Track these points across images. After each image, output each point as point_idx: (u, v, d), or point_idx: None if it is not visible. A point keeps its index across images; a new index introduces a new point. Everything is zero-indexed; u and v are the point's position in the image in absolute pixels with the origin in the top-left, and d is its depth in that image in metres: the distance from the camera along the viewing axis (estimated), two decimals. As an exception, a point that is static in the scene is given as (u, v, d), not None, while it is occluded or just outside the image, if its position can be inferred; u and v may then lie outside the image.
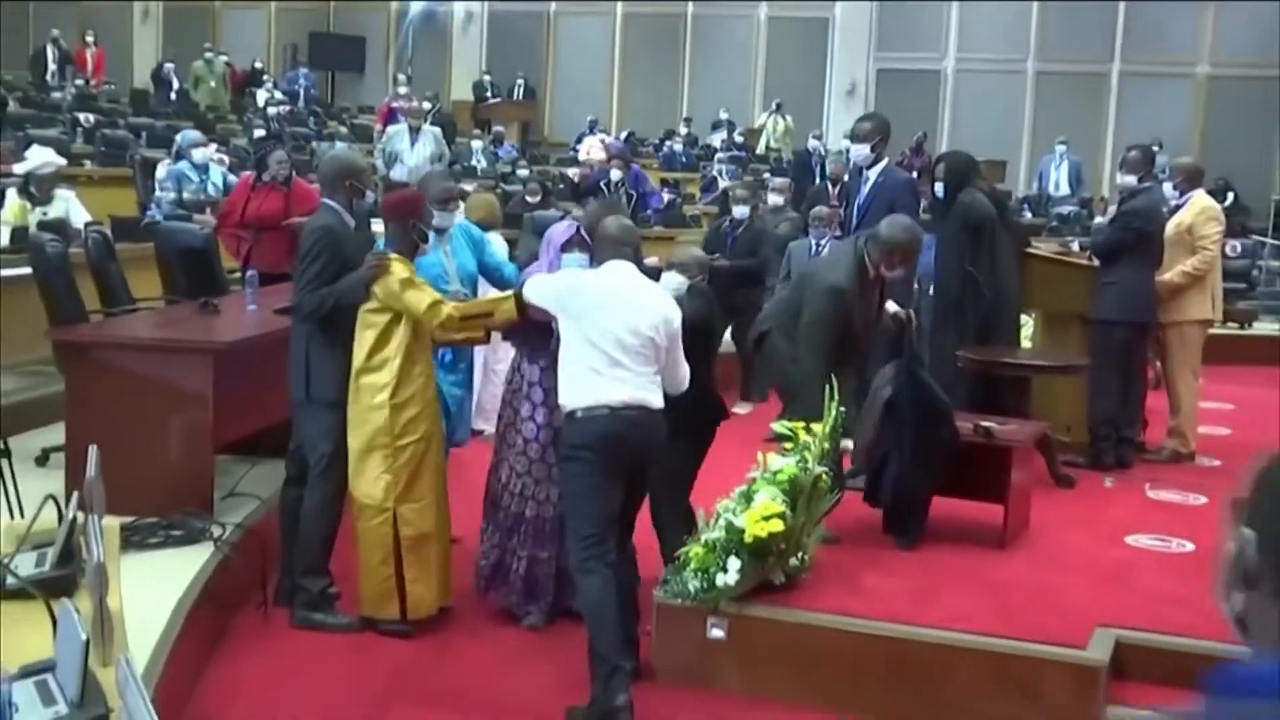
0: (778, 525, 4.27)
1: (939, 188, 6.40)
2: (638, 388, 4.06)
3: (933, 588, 4.63)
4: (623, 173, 10.68)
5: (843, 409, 4.77)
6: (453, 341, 4.88)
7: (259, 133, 13.32)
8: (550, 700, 4.12)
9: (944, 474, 5.08)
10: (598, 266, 4.31)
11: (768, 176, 12.67)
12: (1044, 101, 19.90)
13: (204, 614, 4.30)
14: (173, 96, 17.65)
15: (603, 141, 15.53)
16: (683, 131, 19.27)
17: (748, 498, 4.40)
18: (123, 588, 2.72)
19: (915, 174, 9.80)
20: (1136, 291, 6.57)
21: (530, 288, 4.37)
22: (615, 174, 10.68)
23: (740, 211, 8.38)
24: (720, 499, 4.51)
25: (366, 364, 4.54)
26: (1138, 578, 4.86)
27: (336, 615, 4.69)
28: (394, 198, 4.98)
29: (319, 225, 4.71)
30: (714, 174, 15.58)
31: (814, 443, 4.58)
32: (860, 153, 6.46)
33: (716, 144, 18.69)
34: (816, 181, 11.68)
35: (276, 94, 18.21)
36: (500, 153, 16.62)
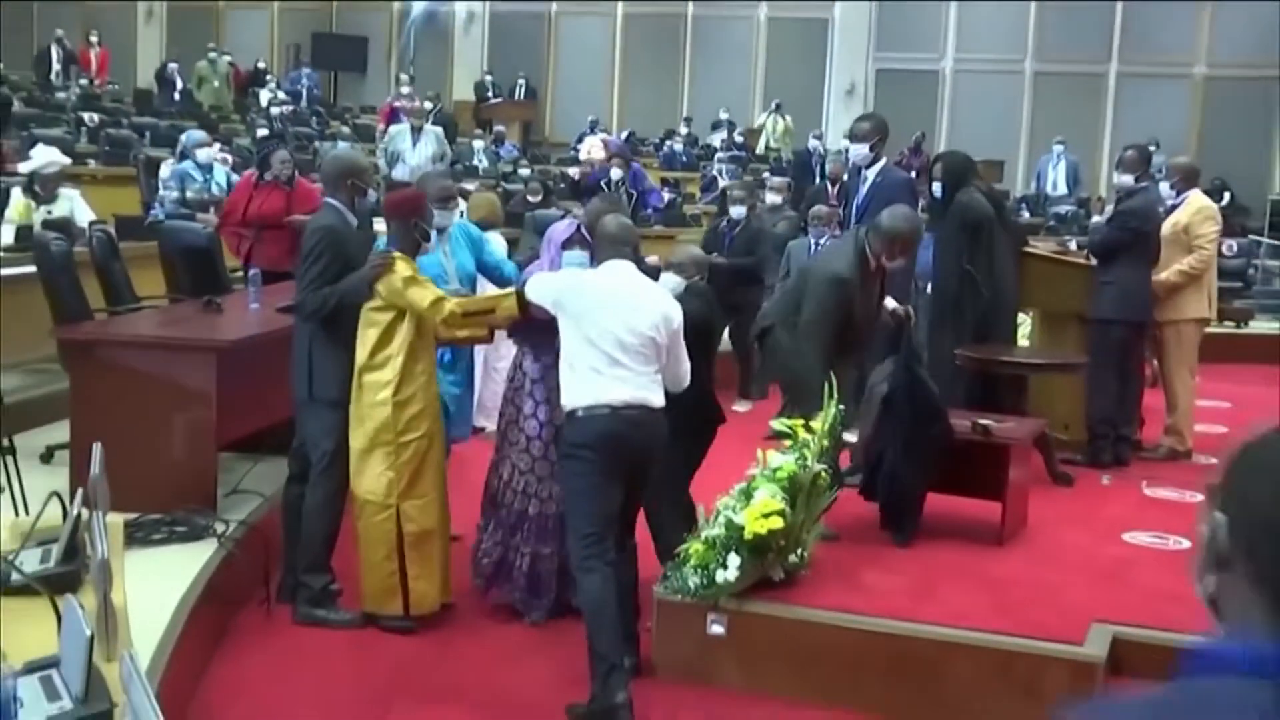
0: (777, 522, 4.28)
1: (937, 187, 6.41)
2: (638, 387, 4.06)
3: (931, 584, 4.64)
4: (623, 171, 10.71)
5: (841, 406, 4.77)
6: (456, 340, 4.89)
7: (262, 132, 13.31)
8: (551, 696, 4.13)
9: (938, 470, 5.09)
10: (597, 265, 4.31)
11: (767, 176, 12.67)
12: (1042, 102, 19.90)
13: (207, 610, 4.31)
14: (176, 96, 17.62)
15: (603, 141, 15.58)
16: (683, 131, 19.26)
17: (747, 495, 4.41)
18: (127, 584, 2.71)
19: (914, 173, 9.81)
20: (1134, 291, 6.57)
21: (531, 286, 4.37)
22: (615, 172, 10.71)
23: (737, 212, 8.38)
24: (720, 496, 4.52)
25: (369, 362, 4.55)
26: (1135, 575, 4.86)
27: (339, 612, 4.70)
28: (396, 197, 4.98)
29: (321, 225, 4.71)
30: (714, 174, 15.56)
31: (813, 440, 4.58)
32: (859, 152, 6.46)
33: (716, 144, 18.68)
34: (816, 181, 11.68)
35: (279, 94, 18.18)
36: (501, 152, 16.63)
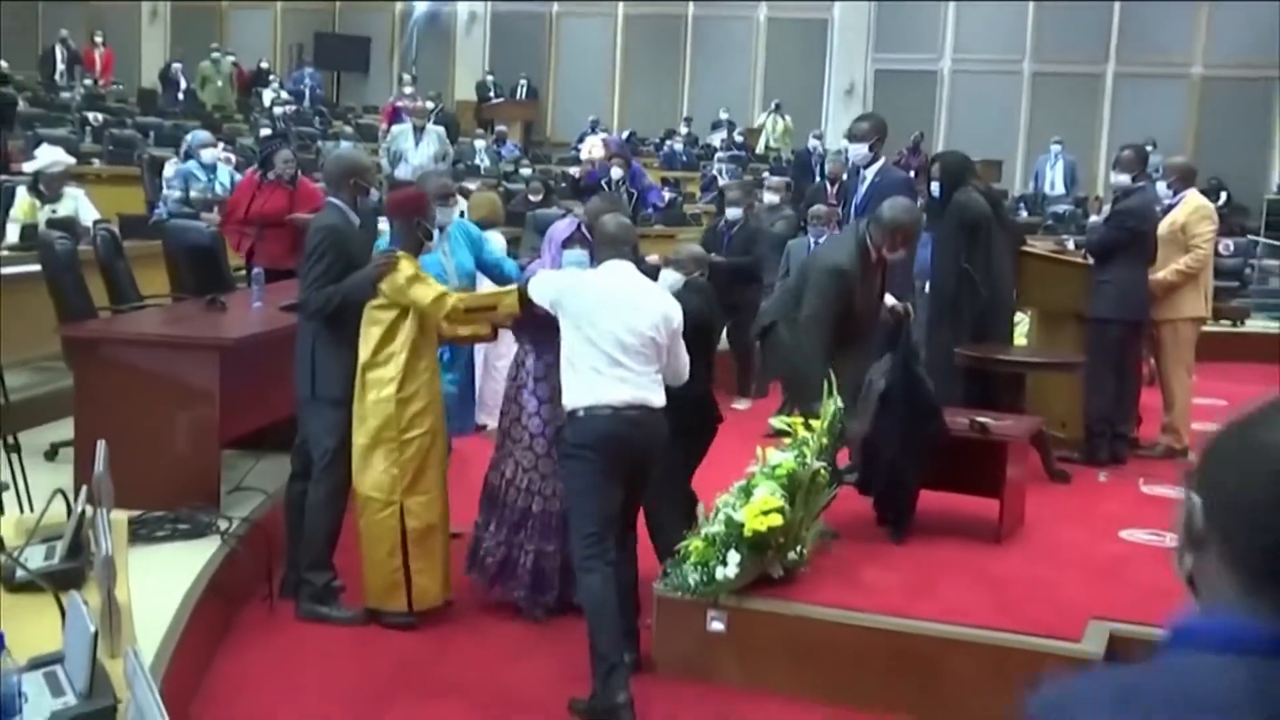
0: (776, 519, 4.29)
1: (935, 187, 6.42)
2: (639, 387, 4.07)
3: (929, 581, 4.65)
4: (623, 171, 10.73)
5: (841, 405, 4.77)
6: (459, 338, 4.92)
7: (265, 132, 13.29)
8: (553, 693, 4.14)
9: (934, 467, 5.11)
10: (597, 266, 4.31)
11: (766, 176, 12.70)
12: (1040, 102, 19.93)
13: (211, 606, 4.32)
14: (180, 96, 17.60)
15: (603, 140, 15.60)
16: (683, 131, 19.28)
17: (747, 492, 4.43)
18: (130, 580, 2.69)
19: (912, 173, 9.83)
20: (1131, 290, 6.59)
21: (533, 285, 4.38)
22: (616, 172, 10.73)
23: (733, 213, 8.39)
24: (720, 494, 4.53)
25: (373, 360, 4.57)
26: (1132, 572, 4.86)
27: (341, 608, 4.71)
28: (399, 196, 4.98)
29: (324, 224, 4.72)
30: (714, 173, 15.58)
31: (812, 438, 4.59)
32: (858, 152, 6.46)
33: (716, 143, 18.69)
34: (816, 181, 11.71)
35: (282, 94, 18.18)
36: (503, 152, 16.65)
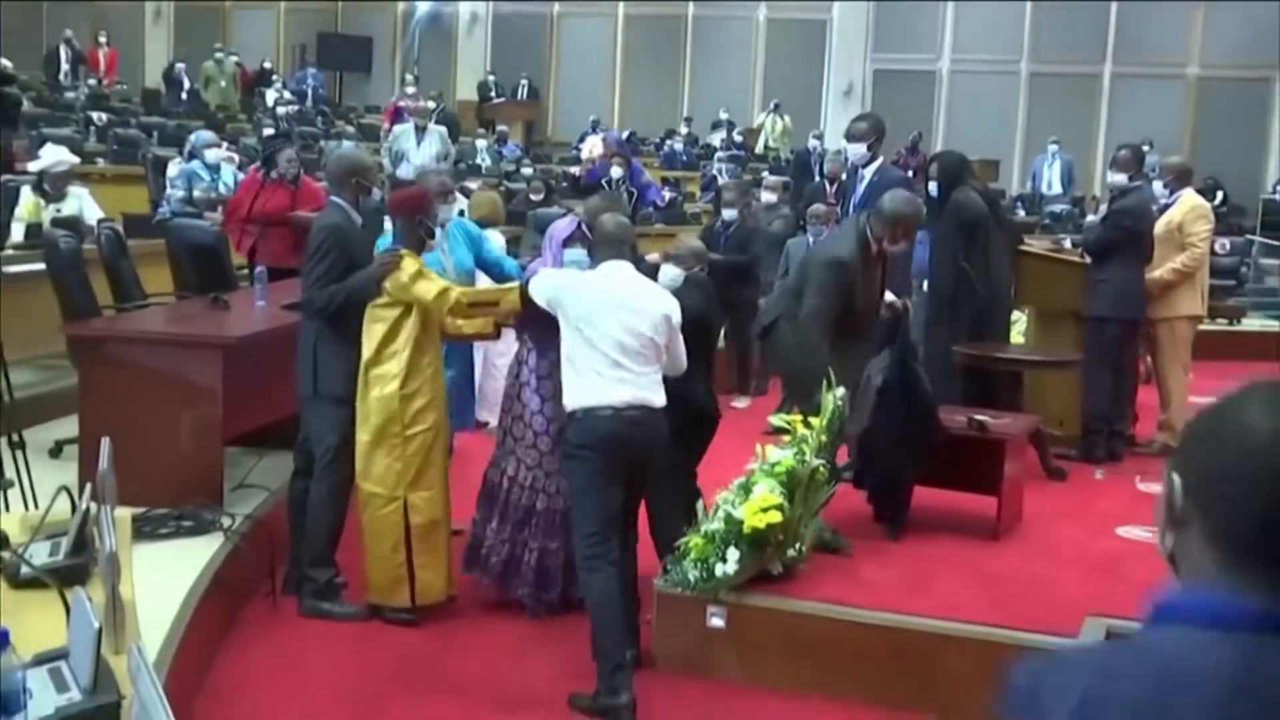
0: (776, 516, 4.32)
1: (933, 186, 6.43)
2: (639, 388, 4.09)
3: (927, 578, 4.68)
4: (623, 170, 10.76)
5: (840, 402, 4.78)
6: (463, 336, 4.96)
7: (268, 131, 13.29)
8: (554, 689, 4.16)
9: (930, 464, 5.13)
10: (596, 266, 4.31)
11: (766, 175, 12.73)
12: (1037, 102, 19.96)
13: (214, 603, 4.34)
14: (184, 96, 17.64)
15: (602, 138, 15.64)
16: (683, 131, 19.30)
17: (746, 489, 4.45)
18: (134, 577, 2.70)
19: (910, 173, 9.84)
20: (1128, 289, 6.61)
21: (533, 285, 4.39)
22: (616, 171, 10.76)
23: (729, 214, 8.41)
24: (719, 491, 4.55)
25: (376, 357, 4.59)
26: (1128, 568, 4.87)
27: (343, 605, 4.74)
28: (401, 195, 4.99)
29: (327, 223, 4.74)
30: (714, 173, 15.61)
31: (811, 435, 4.61)
32: (856, 152, 6.46)
33: (716, 143, 18.73)
34: (815, 180, 11.73)
35: (285, 94, 18.18)
36: (504, 151, 16.68)
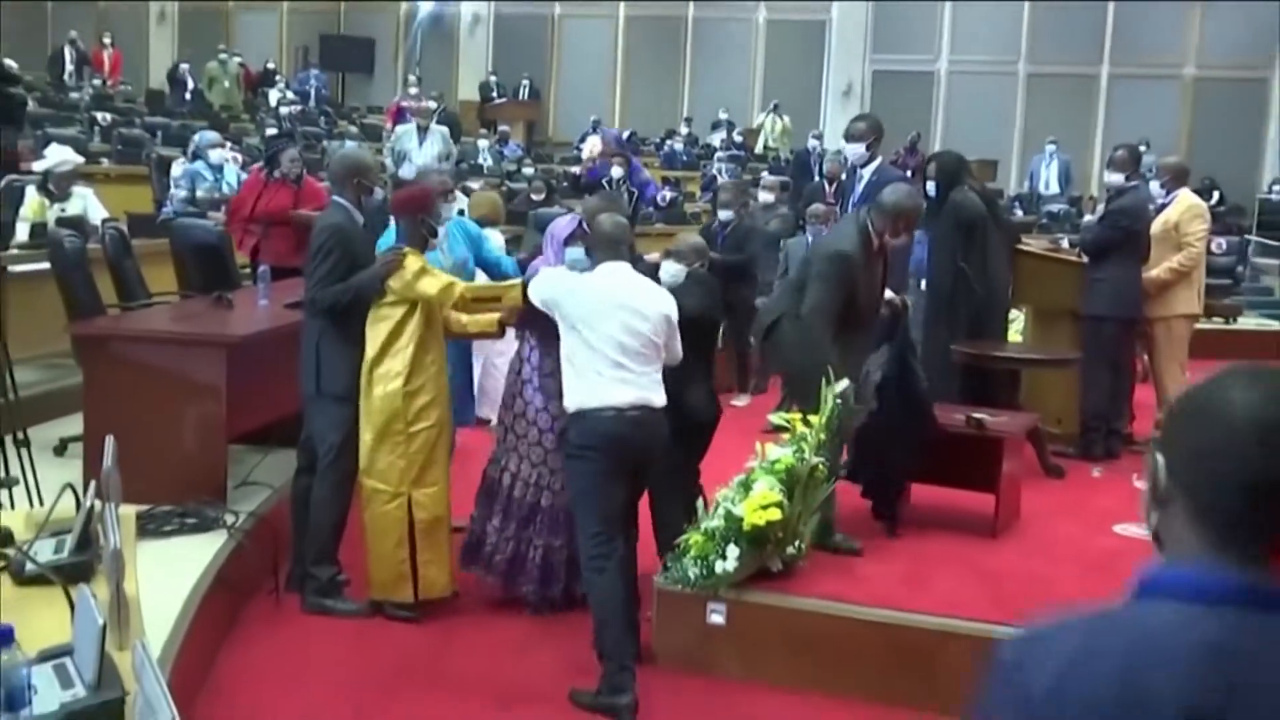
0: (775, 514, 4.34)
1: (931, 186, 6.45)
2: (640, 388, 4.10)
3: (926, 575, 4.70)
4: (624, 170, 10.79)
5: (841, 400, 4.78)
6: (468, 335, 4.99)
7: (271, 131, 13.34)
8: (557, 685, 4.18)
9: (929, 462, 5.15)
10: (594, 267, 4.31)
11: (764, 175, 12.78)
12: (1034, 102, 20.00)
13: (217, 599, 4.36)
14: (187, 96, 17.64)
15: (601, 137, 15.67)
16: (683, 131, 19.35)
17: (746, 487, 4.47)
18: (139, 574, 2.69)
19: (909, 173, 9.86)
20: (1125, 287, 6.65)
21: (534, 287, 4.39)
22: (616, 171, 10.79)
23: (725, 214, 8.42)
24: (719, 488, 4.57)
25: (380, 356, 4.62)
26: (1125, 565, 4.69)
27: (346, 601, 4.76)
28: (404, 194, 5.01)
29: (330, 223, 4.76)
30: (714, 173, 15.65)
31: (811, 433, 4.62)
32: (855, 152, 6.47)
33: (716, 143, 18.76)
34: (815, 180, 11.76)
35: (288, 94, 18.21)
36: (506, 151, 16.71)
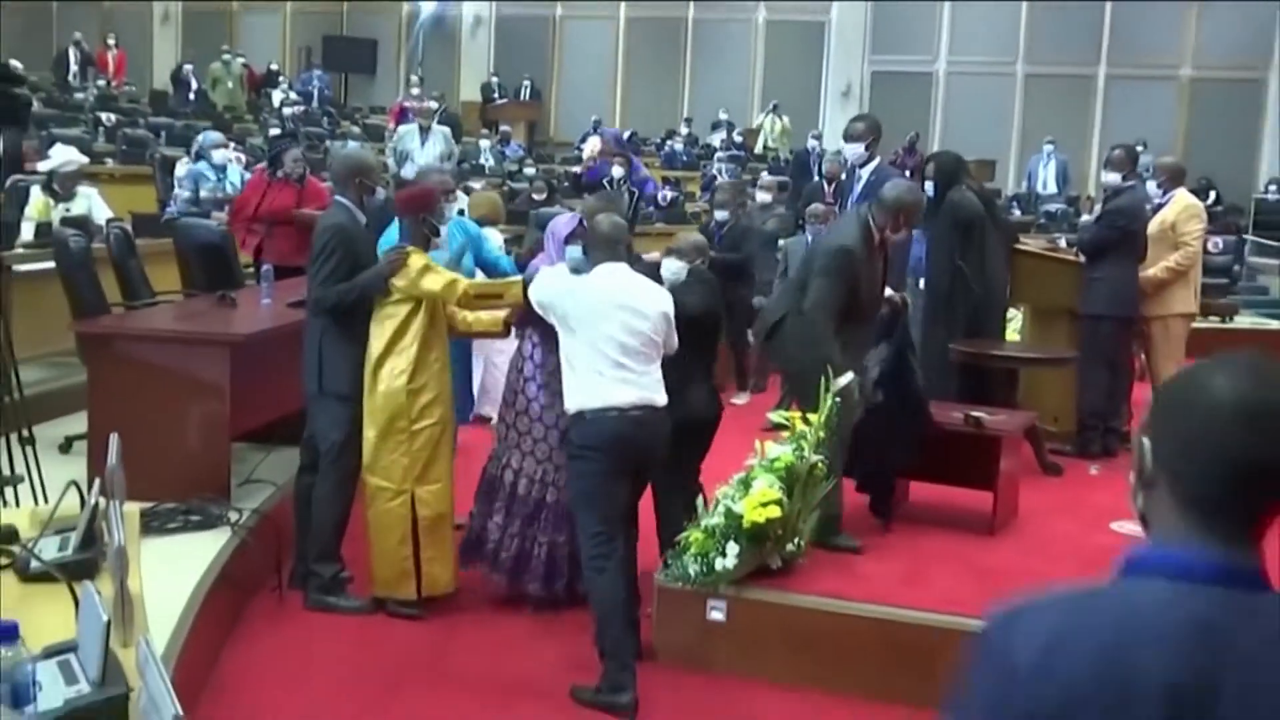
0: (775, 511, 4.37)
1: (929, 186, 6.47)
2: (642, 388, 4.12)
3: (924, 572, 4.73)
4: (624, 169, 10.81)
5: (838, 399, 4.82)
6: (472, 333, 5.03)
7: (274, 132, 13.35)
8: (559, 682, 4.20)
9: (927, 460, 5.18)
10: (591, 266, 4.30)
11: (763, 175, 12.82)
12: (1032, 103, 20.04)
13: (221, 596, 4.38)
14: (191, 97, 17.66)
15: (600, 137, 15.70)
16: (683, 131, 19.39)
17: (746, 485, 4.49)
18: (143, 571, 2.70)
19: (908, 173, 9.90)
20: (1122, 287, 6.67)
21: (532, 289, 4.39)
22: (617, 170, 10.82)
23: (721, 214, 8.44)
24: (719, 486, 4.60)
25: (385, 354, 4.64)
26: None
27: (349, 598, 4.79)
28: (407, 193, 5.03)
29: (331, 223, 4.79)
30: (714, 173, 15.69)
31: (810, 431, 4.64)
32: (854, 152, 6.49)
33: (716, 143, 18.81)
34: (814, 180, 11.79)
35: (291, 94, 18.25)
36: (507, 151, 16.75)
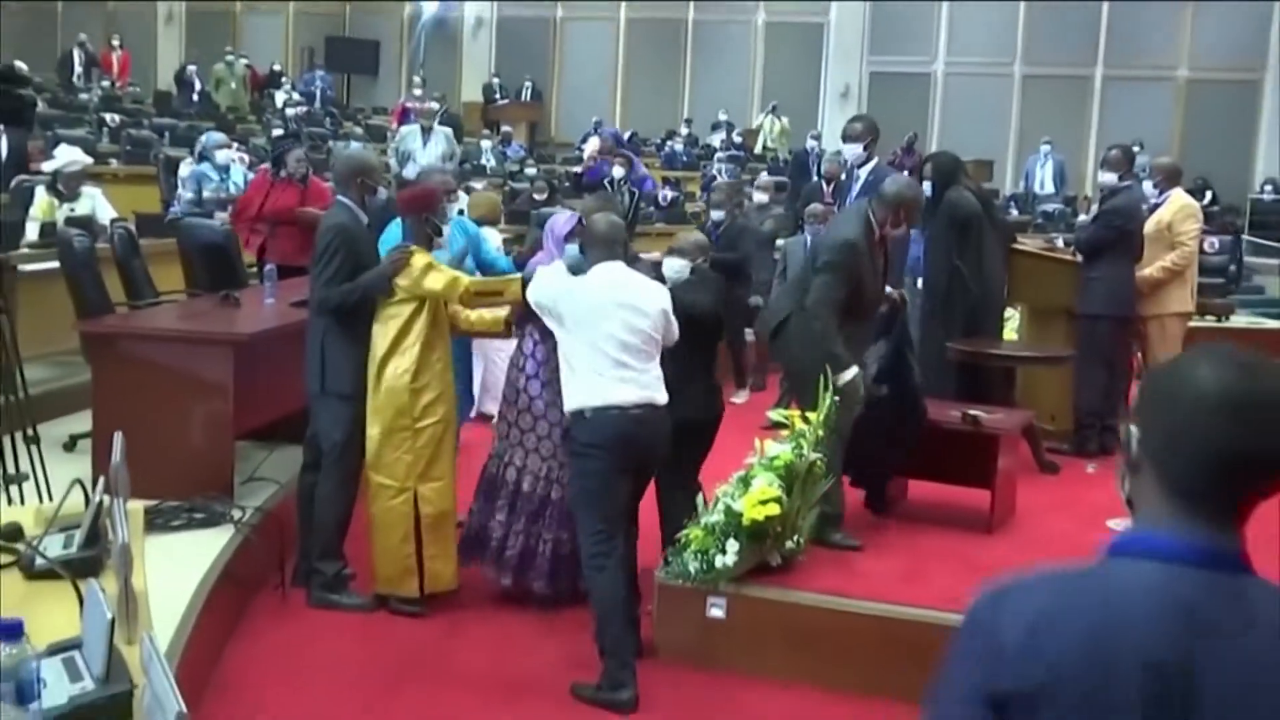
0: (774, 509, 4.39)
1: (927, 186, 6.46)
2: (643, 386, 4.14)
3: (923, 570, 4.75)
4: (625, 169, 10.83)
5: (838, 398, 4.84)
6: (474, 332, 5.06)
7: (277, 132, 13.38)
8: (561, 678, 4.23)
9: (925, 458, 5.22)
10: (589, 265, 4.31)
11: (762, 175, 12.85)
12: (1030, 103, 20.10)
13: (224, 594, 4.41)
14: (195, 98, 17.68)
15: (600, 136, 15.73)
16: (683, 132, 19.44)
17: (745, 483, 4.52)
18: (147, 568, 2.69)
19: (906, 172, 9.95)
20: (1119, 286, 6.70)
21: (531, 289, 4.40)
22: (618, 170, 10.84)
23: (717, 214, 8.46)
24: (719, 484, 4.62)
25: (389, 353, 4.67)
26: None
27: (351, 596, 4.82)
28: (410, 193, 5.06)
29: (334, 223, 4.81)
30: (714, 173, 15.72)
31: (809, 429, 4.67)
32: (853, 152, 6.53)
33: (716, 144, 18.85)
34: (813, 180, 11.83)
35: (294, 95, 18.29)
36: (508, 152, 16.79)
